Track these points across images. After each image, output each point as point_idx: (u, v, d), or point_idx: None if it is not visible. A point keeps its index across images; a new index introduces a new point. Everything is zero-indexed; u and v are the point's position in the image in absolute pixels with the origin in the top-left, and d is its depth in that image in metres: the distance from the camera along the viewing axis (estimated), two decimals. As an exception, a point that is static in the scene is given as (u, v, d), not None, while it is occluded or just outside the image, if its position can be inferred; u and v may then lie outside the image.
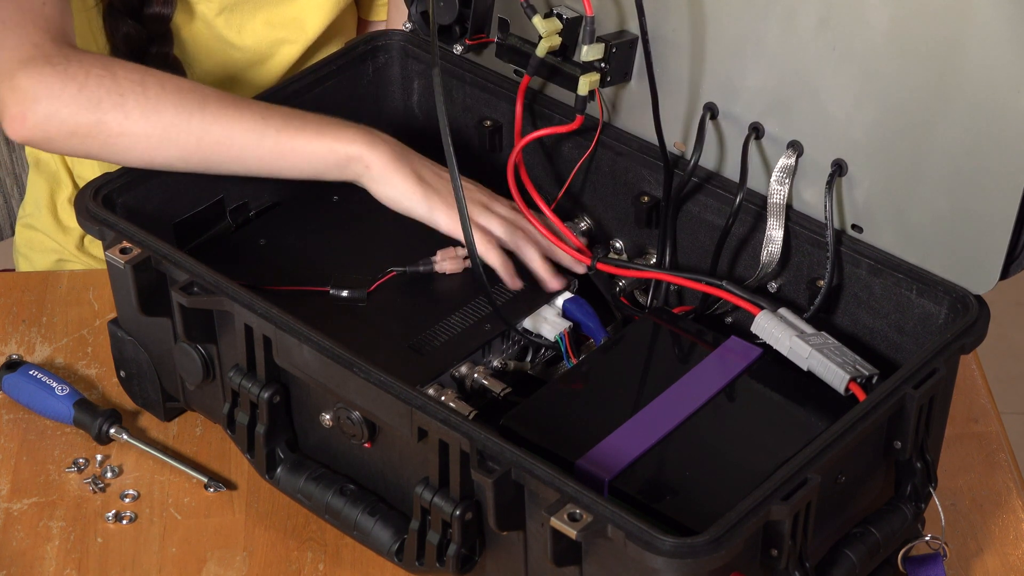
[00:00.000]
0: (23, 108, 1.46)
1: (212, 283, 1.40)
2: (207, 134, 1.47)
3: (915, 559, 1.39)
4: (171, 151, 1.47)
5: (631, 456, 1.32)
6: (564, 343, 1.47)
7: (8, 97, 1.46)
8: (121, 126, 1.46)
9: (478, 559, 1.34)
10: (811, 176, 1.45)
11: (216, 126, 1.47)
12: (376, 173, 1.49)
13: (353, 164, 1.49)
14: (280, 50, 1.81)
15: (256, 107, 1.50)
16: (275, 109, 1.51)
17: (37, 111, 1.45)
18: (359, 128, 1.51)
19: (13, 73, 1.46)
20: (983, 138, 1.33)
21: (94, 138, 1.46)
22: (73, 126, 1.46)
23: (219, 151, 1.48)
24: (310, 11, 1.81)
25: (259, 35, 1.79)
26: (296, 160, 1.49)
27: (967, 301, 1.38)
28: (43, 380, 1.54)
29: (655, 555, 1.18)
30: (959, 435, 1.55)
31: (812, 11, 1.39)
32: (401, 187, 1.49)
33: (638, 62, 1.52)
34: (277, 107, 1.51)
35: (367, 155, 1.49)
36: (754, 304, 1.42)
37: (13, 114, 1.46)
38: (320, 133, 1.49)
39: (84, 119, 1.46)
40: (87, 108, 1.46)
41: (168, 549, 1.44)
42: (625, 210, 1.57)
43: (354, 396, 1.34)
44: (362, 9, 1.94)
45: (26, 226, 1.90)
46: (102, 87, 1.46)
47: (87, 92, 1.46)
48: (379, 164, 1.49)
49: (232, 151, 1.48)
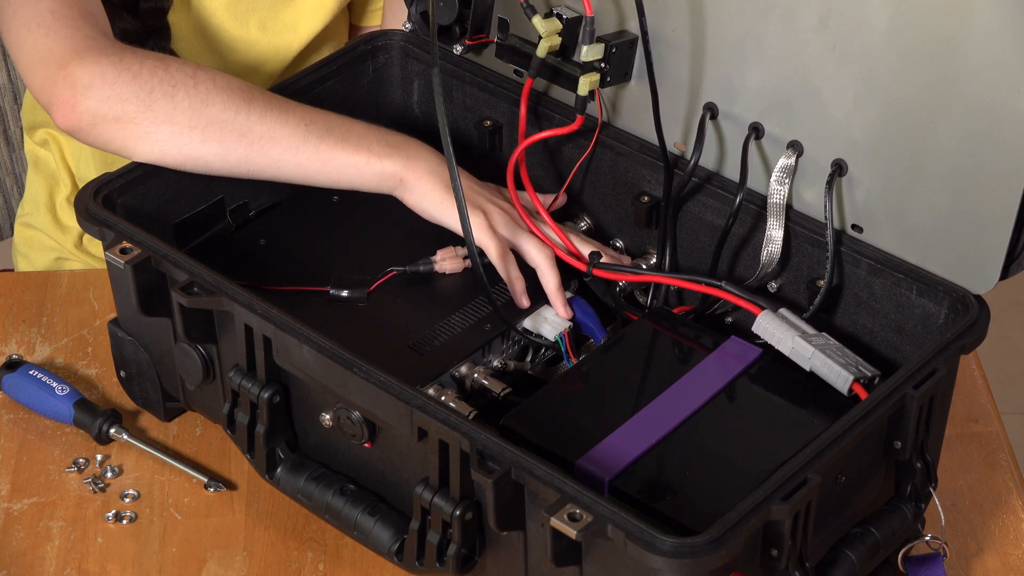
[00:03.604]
0: (75, 94, 1.47)
1: (212, 283, 1.40)
2: (250, 132, 1.48)
3: (915, 559, 1.39)
4: (211, 146, 1.48)
5: (631, 456, 1.32)
6: (564, 343, 1.47)
7: (61, 84, 1.48)
8: (168, 115, 1.47)
9: (478, 559, 1.34)
10: (811, 176, 1.45)
11: (260, 126, 1.48)
12: (411, 186, 1.50)
13: (388, 180, 1.51)
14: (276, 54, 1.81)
15: (302, 113, 1.51)
16: (321, 116, 1.51)
17: (90, 97, 1.47)
18: (400, 143, 1.52)
19: (67, 62, 1.48)
20: (983, 138, 1.33)
21: (138, 125, 1.47)
22: (120, 112, 1.47)
23: (259, 151, 1.49)
24: (304, 15, 1.81)
25: (253, 38, 1.79)
26: (332, 170, 1.50)
27: (967, 301, 1.38)
28: (43, 380, 1.54)
29: (655, 555, 1.18)
30: (959, 435, 1.55)
31: (812, 11, 1.39)
32: (433, 196, 1.50)
33: (638, 62, 1.52)
34: (324, 114, 1.52)
35: (403, 172, 1.50)
36: (754, 304, 1.42)
37: (64, 98, 1.47)
38: (360, 147, 1.50)
39: (133, 106, 1.47)
40: (138, 95, 1.47)
41: (168, 549, 1.44)
42: (625, 210, 1.57)
43: (354, 396, 1.34)
44: (354, 15, 1.94)
45: (25, 225, 1.90)
46: (155, 76, 1.47)
47: (140, 80, 1.47)
48: (414, 179, 1.50)
49: (272, 153, 1.49)
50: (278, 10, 1.80)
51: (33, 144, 1.89)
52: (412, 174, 1.50)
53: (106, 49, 1.49)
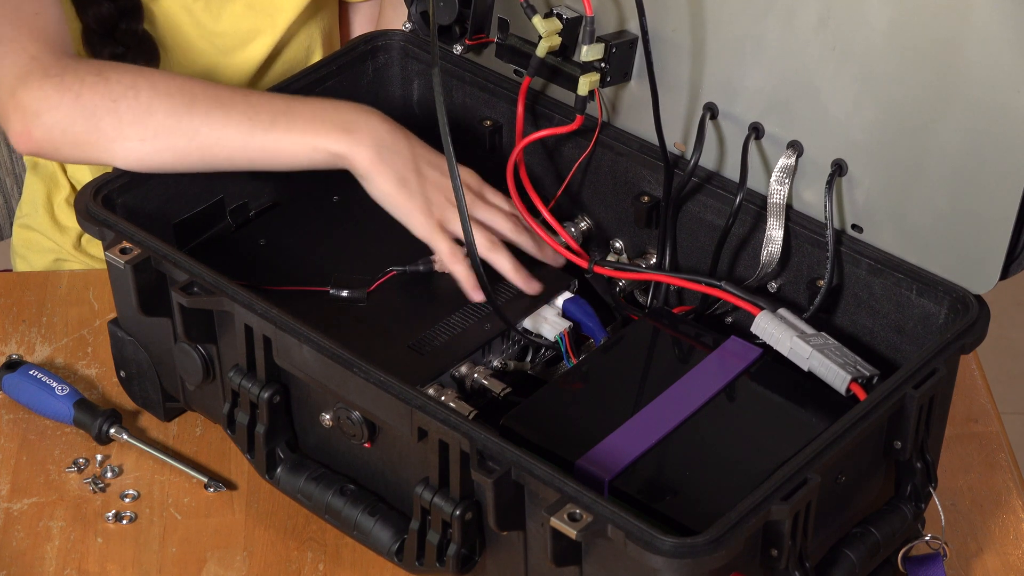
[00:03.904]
0: (27, 124, 1.47)
1: (212, 283, 1.40)
2: (197, 135, 1.47)
3: (915, 559, 1.39)
4: (165, 154, 1.48)
5: (631, 456, 1.32)
6: (564, 343, 1.47)
7: (12, 114, 1.48)
8: (117, 131, 1.46)
9: (478, 559, 1.34)
10: (811, 176, 1.45)
11: (205, 127, 1.47)
12: (360, 173, 1.49)
13: (339, 162, 1.49)
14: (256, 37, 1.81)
15: (245, 104, 1.49)
16: (265, 104, 1.49)
17: (40, 125, 1.47)
18: (347, 120, 1.49)
19: (14, 89, 1.48)
20: (983, 138, 1.33)
21: (94, 145, 1.47)
22: (73, 136, 1.47)
23: (211, 152, 1.48)
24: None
25: (237, 19, 1.79)
26: (286, 158, 1.49)
27: (967, 301, 1.38)
28: (43, 380, 1.54)
29: (655, 555, 1.18)
30: (959, 435, 1.55)
31: (812, 11, 1.39)
32: (381, 188, 1.48)
33: (638, 62, 1.52)
34: (269, 100, 1.50)
35: (349, 154, 1.48)
36: (753, 304, 1.42)
37: (19, 131, 1.48)
38: (306, 130, 1.48)
39: (82, 127, 1.46)
40: (84, 116, 1.46)
41: (168, 549, 1.44)
42: (625, 210, 1.57)
43: (354, 396, 1.34)
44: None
45: (23, 226, 1.90)
46: (96, 94, 1.47)
47: (83, 101, 1.46)
48: (361, 164, 1.48)
49: (223, 151, 1.48)
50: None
51: None
52: (358, 161, 1.48)
53: (49, 69, 1.48)
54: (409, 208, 1.47)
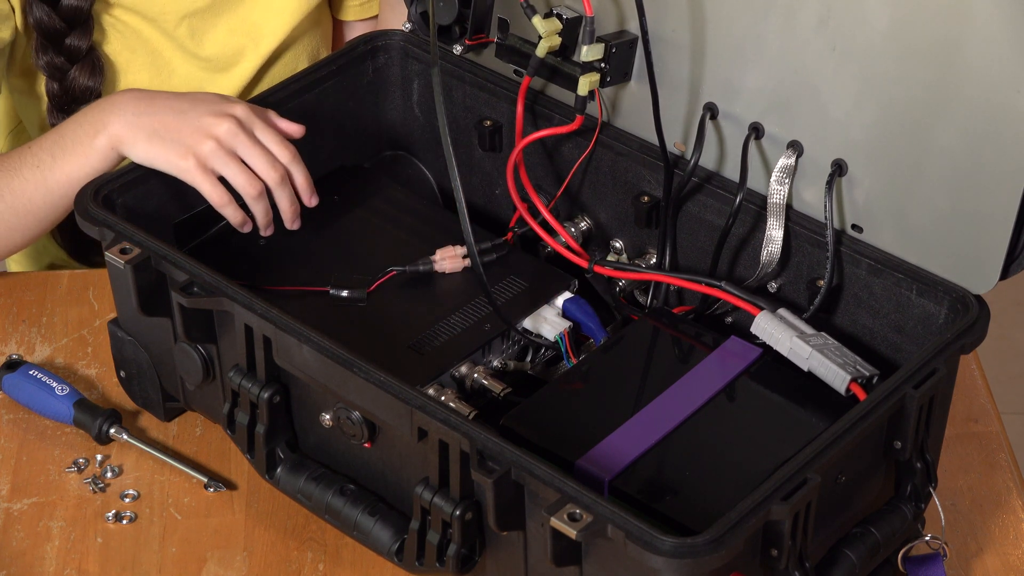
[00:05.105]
0: None
1: (212, 283, 1.40)
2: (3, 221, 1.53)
3: (915, 559, 1.39)
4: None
5: (631, 456, 1.32)
6: (564, 343, 1.47)
7: None
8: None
9: (478, 559, 1.34)
10: (811, 176, 1.45)
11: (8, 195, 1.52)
12: (128, 154, 1.49)
13: (113, 153, 1.50)
14: (246, 54, 1.80)
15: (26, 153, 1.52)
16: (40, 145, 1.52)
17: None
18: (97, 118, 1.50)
19: None
20: (983, 138, 1.33)
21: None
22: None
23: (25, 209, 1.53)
24: (271, 16, 1.80)
25: (221, 42, 1.79)
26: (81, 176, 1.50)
27: (967, 301, 1.38)
28: (43, 380, 1.54)
29: (655, 555, 1.18)
30: (959, 435, 1.55)
31: (812, 11, 1.39)
32: (137, 152, 1.49)
33: (638, 62, 1.52)
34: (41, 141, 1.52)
35: (116, 145, 1.49)
36: (753, 304, 1.42)
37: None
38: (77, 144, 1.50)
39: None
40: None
41: (168, 549, 1.44)
42: (625, 210, 1.57)
43: (354, 396, 1.34)
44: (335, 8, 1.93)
45: None
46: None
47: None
48: (124, 147, 1.49)
49: (28, 216, 1.53)
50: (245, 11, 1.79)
51: None
52: (114, 137, 1.48)
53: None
54: (169, 157, 1.47)
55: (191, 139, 1.47)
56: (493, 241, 1.54)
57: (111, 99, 1.51)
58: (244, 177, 1.47)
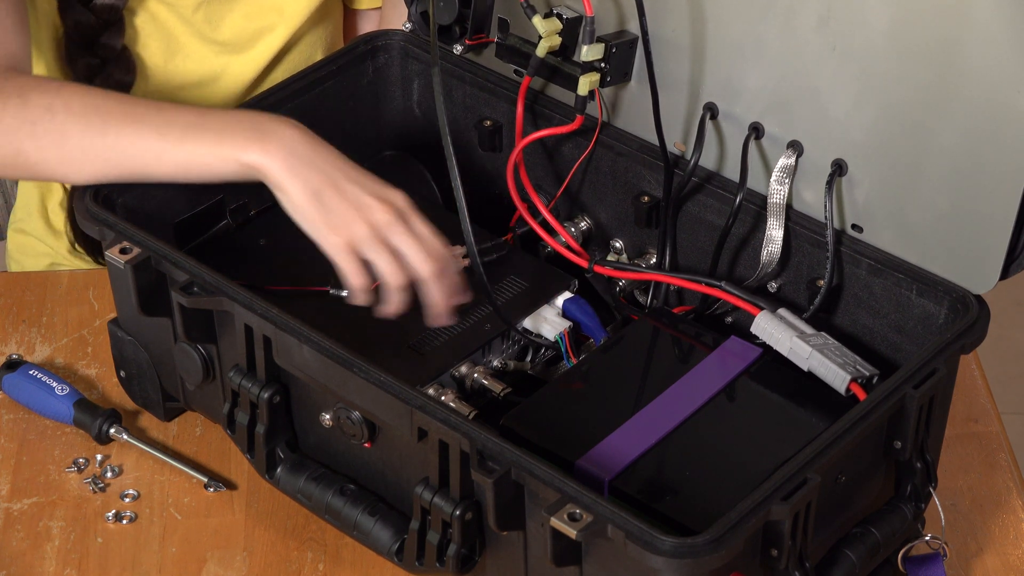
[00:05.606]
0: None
1: (212, 283, 1.40)
2: (113, 154, 1.45)
3: (915, 559, 1.39)
4: (87, 171, 1.46)
5: (631, 456, 1.32)
6: (564, 343, 1.47)
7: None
8: (37, 153, 1.46)
9: (478, 559, 1.34)
10: (811, 176, 1.45)
11: (118, 145, 1.45)
12: (271, 183, 1.43)
13: (251, 173, 1.43)
14: (262, 39, 1.81)
15: (158, 118, 1.46)
16: (178, 117, 1.46)
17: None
18: (259, 130, 1.43)
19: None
20: (983, 138, 1.33)
21: (21, 167, 1.47)
22: (1, 158, 1.47)
23: (128, 169, 1.46)
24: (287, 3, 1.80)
25: (238, 27, 1.79)
26: (199, 169, 1.45)
27: (967, 301, 1.38)
28: (43, 380, 1.54)
29: (655, 555, 1.18)
30: (959, 435, 1.55)
31: (812, 11, 1.39)
32: (292, 200, 1.42)
33: (638, 62, 1.52)
34: (182, 112, 1.46)
35: (259, 164, 1.42)
36: (753, 304, 1.42)
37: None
38: (216, 140, 1.43)
39: (7, 150, 1.47)
40: (7, 140, 1.46)
41: (168, 549, 1.44)
42: (625, 210, 1.57)
43: (354, 396, 1.34)
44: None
45: (18, 231, 1.90)
46: (17, 117, 1.46)
47: (4, 123, 1.46)
48: (272, 174, 1.42)
49: (140, 168, 1.46)
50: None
51: None
52: (271, 171, 1.42)
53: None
54: (319, 223, 1.40)
55: (347, 215, 1.40)
56: (493, 241, 1.54)
57: (277, 126, 1.43)
58: (393, 267, 1.40)
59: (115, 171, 1.47)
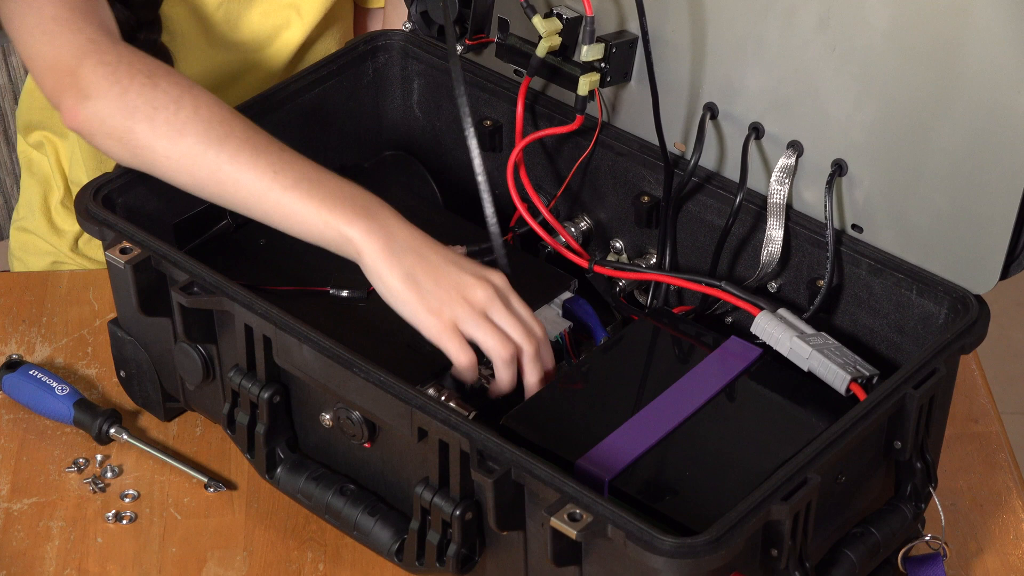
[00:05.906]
0: (76, 102, 1.46)
1: (212, 283, 1.40)
2: (219, 171, 1.43)
3: (915, 559, 1.39)
4: (184, 178, 1.45)
5: (631, 456, 1.32)
6: (564, 343, 1.47)
7: (67, 90, 1.47)
8: (147, 139, 1.45)
9: (478, 559, 1.34)
10: (811, 176, 1.45)
11: (229, 166, 1.43)
12: (367, 264, 1.41)
13: (347, 246, 1.41)
14: (280, 36, 1.81)
15: (274, 156, 1.44)
16: (295, 164, 1.44)
17: (87, 107, 1.46)
18: (367, 207, 1.42)
19: (73, 68, 1.47)
20: (983, 138, 1.33)
21: (125, 144, 1.46)
22: (110, 128, 1.46)
23: (227, 192, 1.44)
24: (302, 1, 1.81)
25: (255, 26, 1.79)
26: (295, 224, 1.43)
27: (967, 301, 1.38)
28: (43, 380, 1.54)
29: (655, 555, 1.18)
30: (959, 435, 1.55)
31: (812, 11, 1.39)
32: (388, 283, 1.40)
33: (638, 62, 1.52)
34: (299, 162, 1.44)
35: (360, 243, 1.40)
36: (753, 304, 1.43)
37: (69, 106, 1.47)
38: (325, 202, 1.41)
39: (119, 124, 1.45)
40: (123, 113, 1.45)
41: (168, 549, 1.44)
42: (625, 210, 1.57)
43: (354, 396, 1.34)
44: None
45: (20, 229, 1.90)
46: (141, 96, 1.45)
47: (127, 98, 1.45)
48: (370, 256, 1.40)
49: (239, 195, 1.44)
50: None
51: (27, 146, 1.88)
52: (369, 252, 1.40)
53: (105, 55, 1.47)
54: (418, 307, 1.39)
55: (446, 296, 1.39)
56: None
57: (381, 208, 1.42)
58: (497, 340, 1.39)
59: (214, 189, 1.45)
